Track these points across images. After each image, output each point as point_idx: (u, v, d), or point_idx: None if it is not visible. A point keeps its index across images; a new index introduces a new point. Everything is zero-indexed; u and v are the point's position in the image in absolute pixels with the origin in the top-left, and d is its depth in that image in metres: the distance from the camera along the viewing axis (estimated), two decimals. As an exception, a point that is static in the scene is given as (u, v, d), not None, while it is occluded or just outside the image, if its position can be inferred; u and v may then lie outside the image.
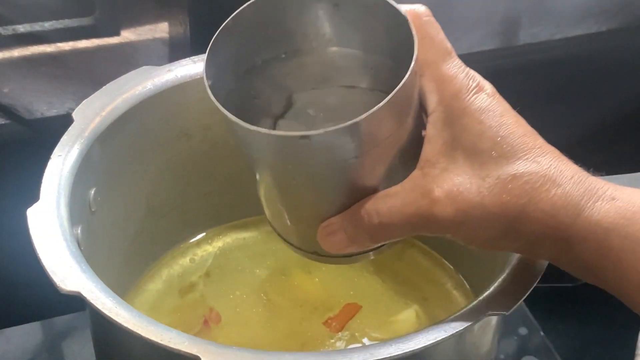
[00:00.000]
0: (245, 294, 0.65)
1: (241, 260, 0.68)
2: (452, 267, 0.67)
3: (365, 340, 0.62)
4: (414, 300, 0.65)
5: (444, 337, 0.46)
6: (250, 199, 0.71)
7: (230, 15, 0.49)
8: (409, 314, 0.64)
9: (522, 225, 0.44)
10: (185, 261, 0.68)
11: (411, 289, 0.66)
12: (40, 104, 0.77)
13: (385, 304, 0.65)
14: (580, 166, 0.47)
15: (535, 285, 0.50)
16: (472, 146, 0.45)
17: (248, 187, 0.71)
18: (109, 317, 0.47)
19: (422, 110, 0.47)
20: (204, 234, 0.70)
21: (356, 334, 0.62)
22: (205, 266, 0.68)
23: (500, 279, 0.50)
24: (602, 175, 0.61)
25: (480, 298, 0.49)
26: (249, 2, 0.49)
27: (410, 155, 0.46)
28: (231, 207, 0.71)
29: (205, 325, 0.62)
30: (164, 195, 0.67)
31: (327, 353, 0.48)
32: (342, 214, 0.47)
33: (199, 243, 0.70)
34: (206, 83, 0.47)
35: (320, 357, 0.48)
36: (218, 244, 0.70)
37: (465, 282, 0.66)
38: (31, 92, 0.77)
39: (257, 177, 0.49)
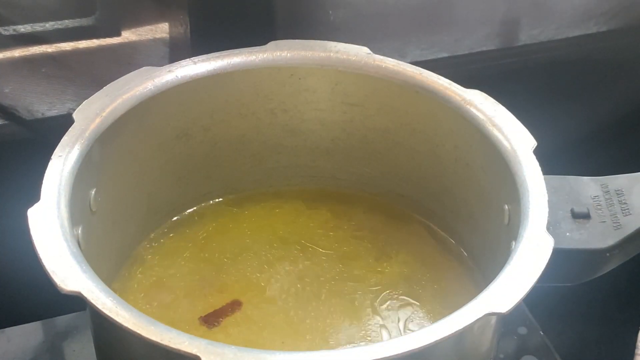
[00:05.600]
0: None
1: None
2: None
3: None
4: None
5: (443, 336, 0.47)
6: (249, 199, 0.72)
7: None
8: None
9: None
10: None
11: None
12: (41, 105, 0.77)
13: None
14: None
15: (534, 284, 0.50)
16: None
17: (248, 187, 0.72)
18: (109, 317, 0.47)
19: None
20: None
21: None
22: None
23: (499, 278, 0.50)
24: (602, 175, 0.61)
25: (480, 297, 0.49)
26: None
27: None
28: (231, 207, 0.71)
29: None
30: (164, 195, 0.67)
31: (327, 353, 0.48)
32: None
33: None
34: None
35: (320, 357, 0.48)
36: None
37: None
38: (32, 93, 0.77)
39: None
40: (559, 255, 0.54)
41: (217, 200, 0.71)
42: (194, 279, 0.66)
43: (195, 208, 0.70)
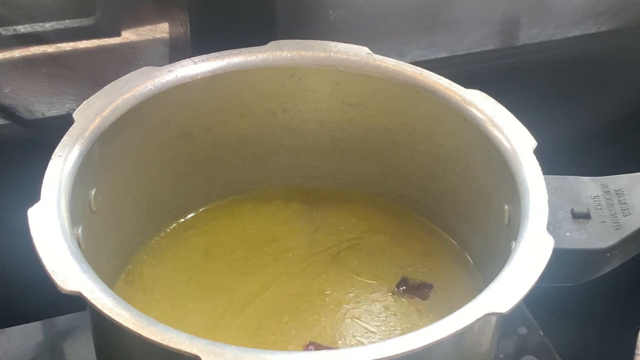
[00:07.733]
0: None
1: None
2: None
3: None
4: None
5: (443, 336, 0.47)
6: (250, 199, 0.72)
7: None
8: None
9: None
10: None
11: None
12: (41, 105, 0.77)
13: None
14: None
15: (534, 284, 0.50)
16: None
17: (248, 187, 0.72)
18: (109, 317, 0.47)
19: None
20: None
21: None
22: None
23: (499, 278, 0.50)
24: (602, 175, 0.61)
25: (480, 297, 0.49)
26: None
27: None
28: (231, 207, 0.71)
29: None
30: (164, 196, 0.67)
31: (327, 353, 0.48)
32: None
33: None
34: None
35: (320, 357, 0.48)
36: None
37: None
38: (32, 93, 0.77)
39: None
40: (559, 255, 0.54)
41: (217, 200, 0.71)
42: (195, 279, 0.66)
43: (195, 208, 0.70)
